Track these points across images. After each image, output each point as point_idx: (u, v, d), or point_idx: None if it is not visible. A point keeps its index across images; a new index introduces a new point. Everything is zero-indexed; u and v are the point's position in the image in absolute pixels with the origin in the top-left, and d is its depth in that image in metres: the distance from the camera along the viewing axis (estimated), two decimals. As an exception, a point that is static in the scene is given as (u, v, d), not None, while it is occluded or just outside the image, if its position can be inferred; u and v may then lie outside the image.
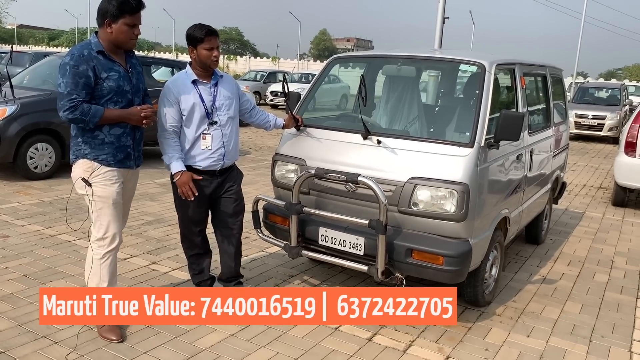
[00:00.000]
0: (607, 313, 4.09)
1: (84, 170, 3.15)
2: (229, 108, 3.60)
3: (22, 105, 6.94)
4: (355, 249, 3.61)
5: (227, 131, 3.59)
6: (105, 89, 3.08)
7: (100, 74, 3.06)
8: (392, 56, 4.41)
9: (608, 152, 13.90)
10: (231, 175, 3.75)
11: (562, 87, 6.15)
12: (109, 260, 3.24)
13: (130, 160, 3.28)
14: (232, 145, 3.65)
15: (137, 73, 3.31)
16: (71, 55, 3.05)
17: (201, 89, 3.51)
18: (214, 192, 3.65)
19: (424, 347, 3.40)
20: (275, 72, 27.07)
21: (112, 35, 3.09)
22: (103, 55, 3.10)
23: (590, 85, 20.05)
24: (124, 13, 3.06)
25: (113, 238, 3.23)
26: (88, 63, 3.03)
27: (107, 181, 3.17)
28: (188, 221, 3.71)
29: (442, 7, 11.89)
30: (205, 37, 3.44)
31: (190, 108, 3.45)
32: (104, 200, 3.17)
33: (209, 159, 3.54)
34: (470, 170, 3.41)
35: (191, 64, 3.56)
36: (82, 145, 3.15)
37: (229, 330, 3.43)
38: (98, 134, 3.12)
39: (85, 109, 3.00)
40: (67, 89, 2.99)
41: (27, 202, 6.09)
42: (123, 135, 3.19)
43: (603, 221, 6.90)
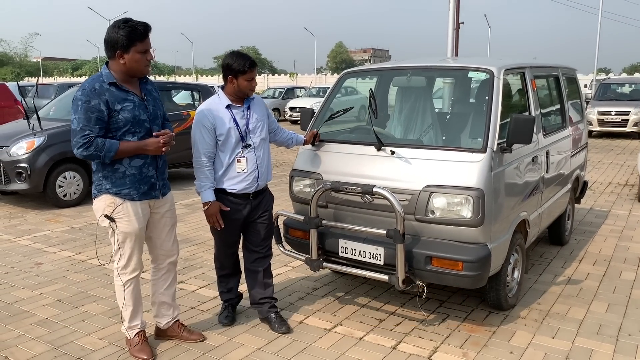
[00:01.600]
0: (635, 311, 4.05)
1: (106, 205, 3.14)
2: (261, 130, 3.66)
3: (49, 136, 7.21)
4: (375, 259, 3.67)
5: (260, 153, 3.64)
6: (121, 120, 3.04)
7: (114, 106, 3.02)
8: (401, 67, 4.49)
9: (634, 148, 13.67)
10: (265, 200, 3.77)
11: (577, 86, 6.13)
12: (132, 286, 3.31)
13: (155, 191, 3.25)
14: (265, 167, 3.69)
15: (154, 99, 3.26)
16: (82, 89, 3.02)
17: (235, 113, 3.55)
18: (248, 216, 3.68)
19: (448, 352, 3.42)
20: (293, 88, 27.38)
21: (126, 66, 3.06)
22: (115, 86, 3.06)
23: (611, 81, 19.76)
24: (134, 41, 3.02)
25: (135, 268, 3.29)
26: (100, 97, 2.98)
27: (131, 216, 3.15)
28: (222, 244, 3.78)
29: (453, 15, 11.94)
30: (248, 70, 3.48)
31: (226, 133, 3.49)
32: (128, 235, 3.18)
33: (244, 181, 3.58)
34: (484, 175, 3.45)
35: (224, 89, 3.60)
36: (103, 180, 3.14)
37: (256, 345, 3.51)
38: (118, 167, 3.10)
39: (100, 144, 2.98)
40: (79, 125, 2.96)
41: (58, 229, 6.30)
42: (144, 166, 3.16)
43: (629, 218, 6.81)
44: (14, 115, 11.87)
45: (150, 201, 3.27)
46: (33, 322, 3.84)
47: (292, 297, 4.30)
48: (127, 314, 3.35)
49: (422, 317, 3.92)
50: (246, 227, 3.76)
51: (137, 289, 3.36)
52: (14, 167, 7.00)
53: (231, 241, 3.78)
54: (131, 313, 3.35)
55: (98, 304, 4.17)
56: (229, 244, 3.79)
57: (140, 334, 3.39)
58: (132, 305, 3.34)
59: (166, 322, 3.55)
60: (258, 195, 3.70)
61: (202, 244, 5.68)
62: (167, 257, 3.47)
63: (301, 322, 3.84)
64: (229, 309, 3.89)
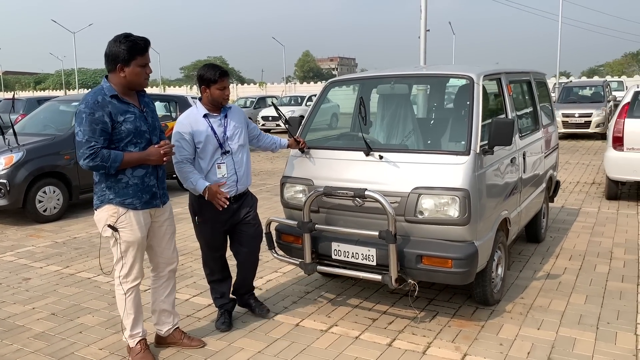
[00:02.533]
0: (611, 301, 4.28)
1: (109, 215, 3.21)
2: (239, 137, 3.84)
3: (27, 151, 7.15)
4: (367, 260, 3.80)
5: (238, 158, 3.82)
6: (124, 132, 3.15)
7: (117, 117, 3.12)
8: (385, 76, 4.66)
9: (597, 148, 14.20)
10: (247, 202, 3.95)
11: (547, 90, 6.42)
12: (133, 295, 3.38)
13: (156, 199, 3.34)
14: (244, 172, 3.87)
15: (152, 111, 3.39)
16: (86, 102, 3.11)
17: (212, 121, 3.75)
18: (231, 218, 3.84)
19: (441, 347, 3.58)
20: (264, 97, 27.43)
21: (127, 79, 3.16)
22: (117, 99, 3.16)
23: (573, 84, 20.46)
24: (134, 55, 3.13)
25: (136, 276, 3.36)
26: (103, 109, 3.08)
27: (134, 225, 3.24)
28: (208, 247, 3.91)
29: (424, 23, 12.26)
30: (219, 79, 3.69)
31: (204, 140, 3.68)
32: (131, 244, 3.26)
33: (224, 186, 3.72)
34: (469, 176, 3.63)
35: (201, 100, 3.80)
36: (106, 191, 3.21)
37: (256, 348, 3.60)
38: (122, 177, 3.19)
39: (105, 155, 3.07)
40: (85, 137, 3.05)
41: (41, 244, 6.26)
42: (146, 176, 3.26)
43: (599, 215, 7.13)
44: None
45: (152, 210, 3.35)
46: (30, 336, 3.85)
47: (285, 302, 4.40)
48: (128, 322, 3.40)
49: (414, 314, 4.07)
50: (233, 230, 3.91)
51: (137, 297, 3.43)
52: (-7, 183, 6.91)
53: (216, 244, 3.89)
54: (132, 321, 3.41)
55: (93, 315, 4.19)
56: (214, 247, 3.90)
57: (141, 342, 3.44)
58: (134, 314, 3.40)
59: (167, 330, 3.62)
60: (238, 199, 3.86)
61: (190, 254, 5.73)
62: (167, 265, 3.55)
63: (297, 325, 3.95)
64: (225, 315, 3.97)
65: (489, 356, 3.44)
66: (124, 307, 3.38)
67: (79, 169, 7.52)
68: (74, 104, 8.75)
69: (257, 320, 4.04)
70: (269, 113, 22.37)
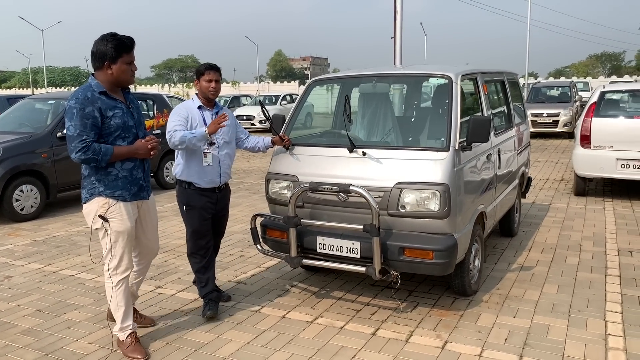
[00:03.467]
0: (581, 291, 4.51)
1: (99, 206, 3.33)
2: (226, 133, 4.12)
3: (4, 149, 7.08)
4: (352, 252, 3.93)
5: (223, 153, 4.10)
6: (113, 126, 3.29)
7: (106, 112, 3.26)
8: (366, 75, 4.80)
9: (565, 147, 14.66)
10: (226, 194, 4.29)
11: (519, 89, 6.67)
12: (123, 286, 3.48)
13: (143, 192, 3.51)
14: (227, 166, 4.16)
15: (137, 107, 3.57)
16: (76, 98, 3.22)
17: (205, 114, 4.09)
18: (214, 207, 4.13)
19: (423, 335, 3.73)
20: (238, 96, 27.44)
21: (114, 76, 3.30)
22: (105, 95, 3.29)
23: (542, 85, 21.03)
24: (121, 53, 3.27)
25: (126, 267, 3.47)
26: (93, 104, 3.21)
27: (124, 216, 3.37)
28: (196, 234, 4.07)
29: (400, 23, 12.46)
30: (205, 71, 4.04)
31: (196, 128, 3.95)
32: (121, 234, 3.37)
33: (207, 176, 4.01)
34: (449, 171, 3.80)
35: (197, 95, 4.13)
36: (96, 184, 3.34)
37: (244, 339, 3.70)
38: (111, 170, 3.33)
39: (97, 149, 3.20)
40: (76, 131, 3.17)
41: (20, 242, 6.21)
42: (134, 169, 3.42)
43: (568, 210, 7.41)
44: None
45: (138, 202, 3.51)
46: (17, 332, 3.86)
47: (270, 295, 4.50)
48: (119, 315, 3.48)
49: (396, 305, 4.22)
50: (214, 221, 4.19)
51: (127, 289, 3.52)
52: (-32, 182, 6.82)
53: (203, 229, 4.09)
54: (123, 314, 3.49)
55: (80, 311, 4.22)
56: (201, 234, 4.08)
57: (132, 335, 3.51)
58: (124, 306, 3.48)
59: None
60: (221, 190, 4.18)
61: (172, 251, 5.77)
62: (149, 255, 3.77)
63: (283, 317, 4.06)
64: (210, 303, 4.09)
65: (469, 343, 3.61)
66: (115, 300, 3.46)
67: (56, 167, 7.48)
68: (49, 102, 8.68)
69: (244, 313, 4.13)
70: (243, 112, 22.34)
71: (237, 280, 4.88)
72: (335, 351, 3.52)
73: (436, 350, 3.52)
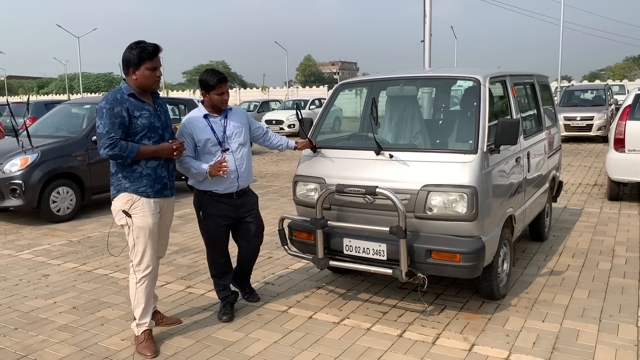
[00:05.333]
0: (613, 296, 4.43)
1: (124, 202, 3.51)
2: (239, 135, 4.07)
3: (42, 152, 7.33)
4: (378, 255, 3.95)
5: (238, 156, 4.05)
6: (139, 126, 3.48)
7: (133, 113, 3.46)
8: (393, 78, 4.82)
9: (599, 151, 14.35)
10: (248, 200, 4.18)
11: (550, 92, 6.58)
12: (145, 284, 3.60)
13: (166, 190, 3.66)
14: (245, 168, 4.09)
15: (164, 111, 3.74)
16: (106, 100, 3.45)
17: (212, 121, 4.00)
18: (234, 214, 4.07)
19: (450, 338, 3.72)
20: (267, 101, 27.66)
21: (138, 81, 3.51)
22: (134, 97, 3.50)
23: (575, 88, 20.62)
24: (143, 60, 3.47)
25: (148, 264, 3.58)
26: (122, 105, 3.42)
27: (146, 212, 3.52)
28: (211, 241, 4.12)
29: (429, 27, 12.43)
30: (217, 85, 3.94)
31: (203, 139, 3.94)
32: (142, 230, 3.52)
33: (224, 182, 3.97)
34: (477, 174, 3.79)
35: (203, 103, 4.08)
36: (122, 180, 3.52)
37: (271, 339, 3.75)
38: (136, 168, 3.50)
39: (124, 146, 3.39)
40: (105, 129, 3.38)
41: (57, 243, 6.42)
42: (159, 167, 3.58)
43: (601, 215, 7.27)
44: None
45: (161, 200, 3.63)
46: (54, 327, 4.00)
47: (298, 296, 4.55)
48: (138, 311, 3.61)
49: (423, 308, 4.22)
50: (236, 227, 4.16)
51: (149, 287, 3.63)
52: (8, 184, 7.09)
53: (218, 238, 4.10)
54: (142, 310, 3.61)
55: (113, 309, 4.34)
56: (216, 241, 4.11)
57: (146, 332, 3.63)
58: (144, 303, 3.60)
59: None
60: (241, 195, 4.09)
61: (202, 252, 5.86)
62: (160, 252, 3.84)
63: (310, 317, 4.10)
64: (227, 307, 4.16)
65: (496, 346, 3.59)
66: (135, 296, 3.59)
67: (91, 170, 7.71)
68: (85, 107, 8.94)
69: (272, 313, 4.19)
70: (272, 117, 22.56)
71: (265, 281, 4.94)
72: (362, 352, 3.55)
73: (463, 352, 3.51)
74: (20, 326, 4.04)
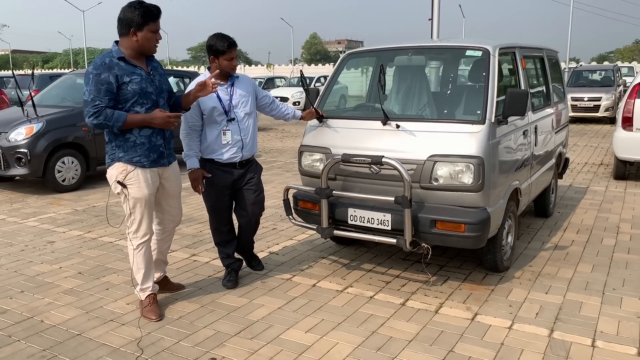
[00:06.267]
0: (617, 270, 4.43)
1: (119, 172, 3.41)
2: (245, 105, 4.00)
3: (47, 122, 7.32)
4: (383, 224, 3.95)
5: (244, 126, 3.99)
6: (130, 92, 3.32)
7: (123, 78, 3.29)
8: (402, 47, 4.76)
9: (606, 132, 14.25)
10: (251, 168, 4.13)
11: (559, 68, 6.51)
12: (143, 250, 3.59)
13: (163, 159, 3.54)
14: (250, 138, 4.03)
15: (160, 75, 3.55)
16: (94, 64, 3.31)
17: (218, 89, 3.86)
18: (235, 183, 4.05)
19: (453, 307, 3.74)
20: (272, 77, 27.59)
21: (138, 43, 3.35)
22: (124, 61, 3.34)
23: (583, 68, 20.42)
24: (147, 21, 3.33)
25: (145, 232, 3.56)
26: (110, 70, 3.26)
27: (142, 183, 3.44)
28: (214, 210, 4.11)
29: (438, 7, 12.29)
30: (227, 50, 3.85)
31: (209, 108, 3.87)
32: (138, 201, 3.46)
33: (229, 152, 3.95)
34: (484, 144, 3.76)
35: (210, 69, 3.97)
36: (115, 150, 3.42)
37: (275, 305, 3.78)
38: (129, 137, 3.38)
39: (109, 114, 3.25)
40: (90, 95, 3.25)
41: (62, 211, 6.45)
42: (153, 135, 3.44)
43: (606, 194, 7.24)
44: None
45: (159, 169, 3.55)
46: (59, 291, 4.04)
47: (301, 265, 4.57)
48: (139, 276, 3.63)
49: (426, 278, 4.23)
50: (236, 195, 4.12)
51: (148, 252, 3.64)
52: (14, 153, 7.09)
53: (221, 207, 4.09)
54: (143, 276, 3.63)
55: (118, 275, 4.37)
56: (218, 210, 4.10)
57: (150, 297, 3.65)
58: (144, 269, 3.62)
59: (159, 276, 3.88)
60: (244, 165, 4.05)
61: (206, 222, 5.81)
62: (172, 222, 3.81)
63: (314, 285, 4.12)
64: (231, 274, 4.19)
65: (499, 316, 3.60)
66: (135, 262, 3.60)
67: (96, 141, 7.70)
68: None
69: (276, 281, 4.22)
70: (277, 94, 22.44)
71: (270, 251, 4.96)
72: (365, 319, 3.57)
73: (465, 321, 3.53)
74: (27, 289, 4.08)
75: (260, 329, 3.43)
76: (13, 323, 3.52)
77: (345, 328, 3.44)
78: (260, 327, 3.46)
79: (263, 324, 3.50)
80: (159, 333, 3.39)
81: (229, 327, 3.47)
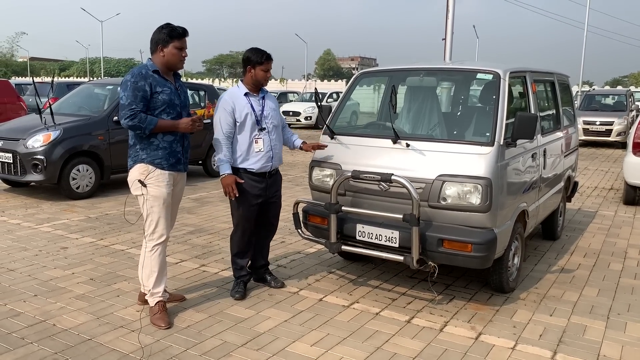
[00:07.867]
0: (623, 295, 4.44)
1: (140, 173, 3.68)
2: (274, 118, 4.22)
3: (64, 130, 7.47)
4: (390, 241, 4.01)
5: (273, 137, 4.19)
6: (160, 101, 3.65)
7: (156, 88, 3.63)
8: (414, 69, 4.86)
9: (617, 157, 14.22)
10: (276, 180, 4.32)
11: (570, 92, 6.56)
12: (158, 251, 3.74)
13: (180, 165, 3.81)
14: (278, 150, 4.25)
15: (184, 92, 3.92)
16: (132, 74, 3.65)
17: (252, 100, 4.14)
18: (264, 193, 4.19)
19: (457, 326, 3.78)
20: (285, 92, 27.83)
21: (165, 58, 3.68)
22: (158, 74, 3.68)
23: (596, 92, 20.42)
24: (173, 38, 3.66)
25: (162, 233, 3.74)
26: (145, 80, 3.61)
27: (160, 183, 3.68)
28: (244, 218, 4.18)
29: (451, 24, 12.40)
30: (264, 61, 4.10)
31: (243, 116, 4.07)
32: (156, 200, 3.68)
33: (260, 161, 4.11)
34: (492, 166, 3.82)
35: (243, 81, 4.17)
36: (139, 152, 3.69)
37: (282, 318, 3.83)
38: (153, 140, 3.68)
39: (143, 118, 3.57)
40: (127, 100, 3.57)
41: (76, 218, 6.56)
42: (174, 142, 3.74)
43: (615, 218, 7.24)
44: (17, 112, 12.07)
45: (175, 174, 3.79)
46: (71, 296, 4.12)
47: (309, 280, 4.63)
48: (151, 280, 3.73)
49: (432, 297, 4.27)
50: (262, 206, 4.25)
51: (162, 256, 3.77)
52: (31, 159, 7.24)
53: (250, 215, 4.20)
54: (155, 279, 3.73)
55: (129, 282, 4.45)
56: (247, 218, 4.19)
57: (160, 304, 3.74)
58: (157, 272, 3.73)
59: None
60: (272, 175, 4.24)
61: (217, 234, 5.98)
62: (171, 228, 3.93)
63: (320, 300, 4.18)
64: (240, 285, 4.26)
65: (503, 336, 3.63)
66: (149, 265, 3.72)
67: (111, 149, 7.84)
68: (107, 87, 9.09)
69: (283, 294, 4.28)
70: (289, 108, 22.66)
71: (278, 264, 5.03)
72: (370, 334, 3.61)
73: (469, 340, 3.56)
74: (40, 293, 4.17)
75: (267, 341, 3.49)
76: (26, 326, 3.61)
77: (351, 343, 3.49)
78: (267, 339, 3.51)
79: (269, 336, 3.55)
80: (167, 341, 3.46)
81: (235, 337, 3.53)
